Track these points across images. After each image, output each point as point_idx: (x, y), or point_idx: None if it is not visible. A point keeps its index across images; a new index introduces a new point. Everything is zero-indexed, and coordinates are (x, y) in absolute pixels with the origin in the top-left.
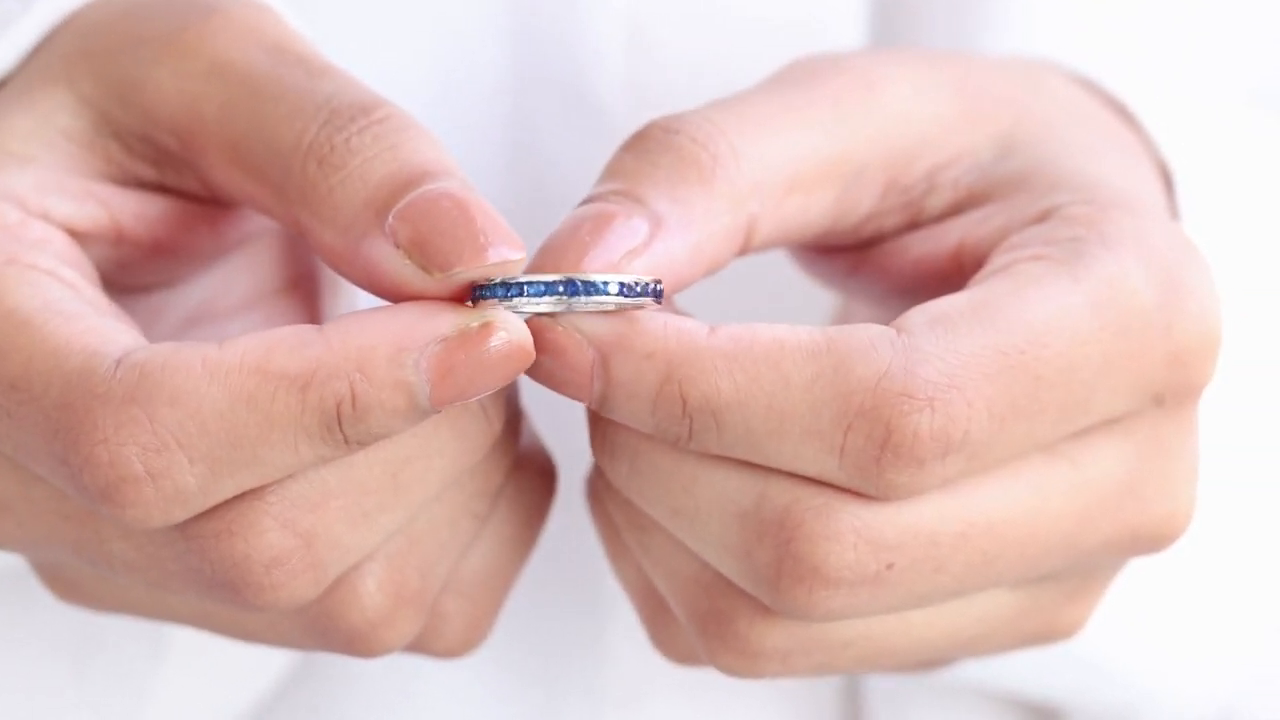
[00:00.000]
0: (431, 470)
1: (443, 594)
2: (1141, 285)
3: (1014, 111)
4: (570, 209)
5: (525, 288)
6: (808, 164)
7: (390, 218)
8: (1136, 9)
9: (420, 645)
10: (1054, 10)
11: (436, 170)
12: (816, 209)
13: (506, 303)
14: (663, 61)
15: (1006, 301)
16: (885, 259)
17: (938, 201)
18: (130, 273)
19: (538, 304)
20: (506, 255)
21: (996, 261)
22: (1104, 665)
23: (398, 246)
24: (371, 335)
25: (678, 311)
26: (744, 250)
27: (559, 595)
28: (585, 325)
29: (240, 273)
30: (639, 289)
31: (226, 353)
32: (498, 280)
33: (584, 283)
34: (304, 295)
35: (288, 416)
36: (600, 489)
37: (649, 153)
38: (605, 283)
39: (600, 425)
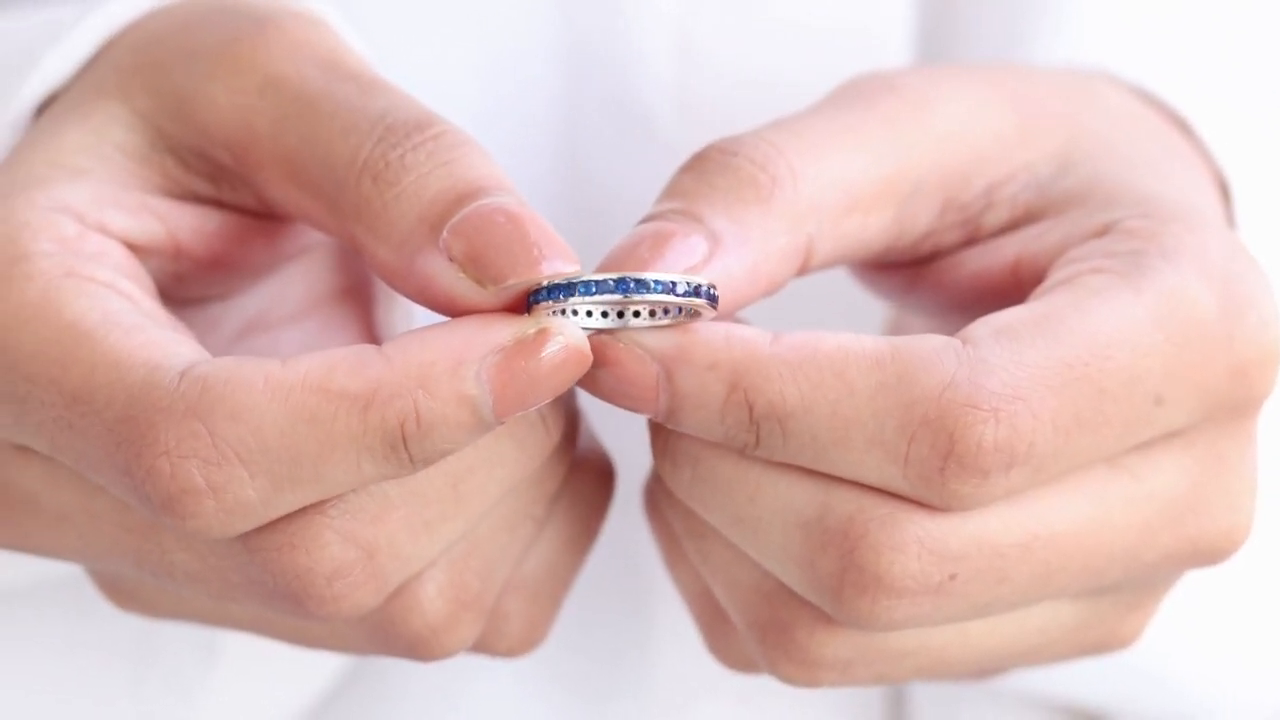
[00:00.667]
0: (492, 480)
1: (503, 594)
2: (1202, 298)
3: (1069, 127)
4: (622, 221)
5: (579, 287)
6: (865, 184)
7: (445, 232)
8: (1189, 16)
9: (482, 646)
10: (1107, 18)
11: (490, 185)
12: (875, 228)
13: (562, 303)
14: (711, 73)
15: (1069, 314)
16: (943, 274)
17: (995, 218)
18: (186, 286)
19: (592, 302)
20: (560, 268)
21: (1057, 275)
22: (1158, 673)
23: (452, 261)
24: (431, 352)
25: (738, 321)
26: (803, 270)
27: (606, 599)
28: (647, 340)
29: (294, 283)
30: (693, 289)
31: (289, 371)
32: (550, 284)
33: (637, 280)
34: (358, 304)
35: (349, 436)
36: (659, 497)
37: (707, 174)
38: (658, 281)
39: (662, 433)
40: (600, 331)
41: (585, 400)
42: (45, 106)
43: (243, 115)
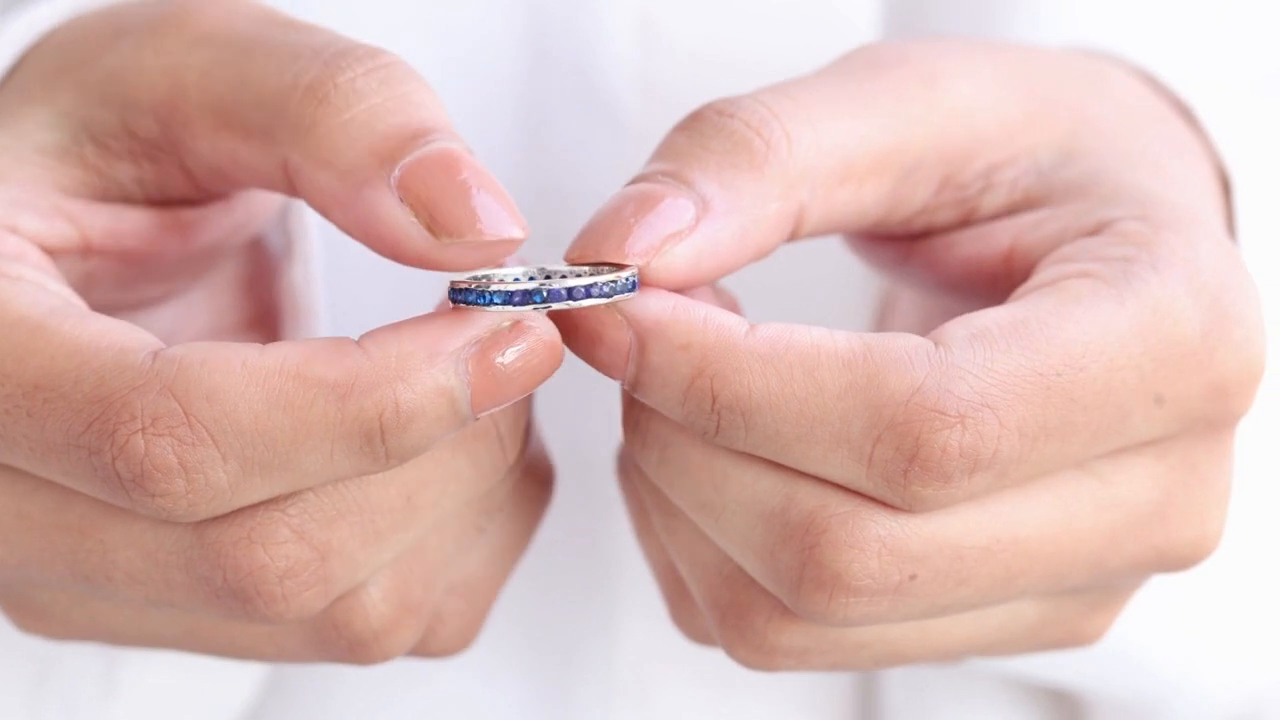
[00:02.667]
0: (446, 494)
1: (440, 597)
2: (1187, 314)
3: (1075, 116)
4: (583, 199)
5: (495, 296)
6: (862, 154)
7: (398, 170)
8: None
9: (417, 648)
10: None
11: (444, 128)
12: (869, 199)
13: (480, 309)
14: (673, 50)
15: (1049, 319)
16: (935, 253)
17: (993, 201)
18: (96, 289)
19: (509, 313)
20: (514, 234)
21: (1044, 273)
22: (1133, 656)
23: (402, 201)
24: (407, 343)
25: (721, 298)
26: (793, 237)
27: (569, 583)
28: (628, 306)
29: (199, 312)
30: (610, 289)
31: (266, 356)
32: (472, 285)
33: (550, 292)
34: (265, 334)
35: (325, 424)
36: (630, 466)
37: (702, 135)
38: (573, 289)
39: (634, 412)
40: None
41: (550, 383)
42: None
43: (171, 74)
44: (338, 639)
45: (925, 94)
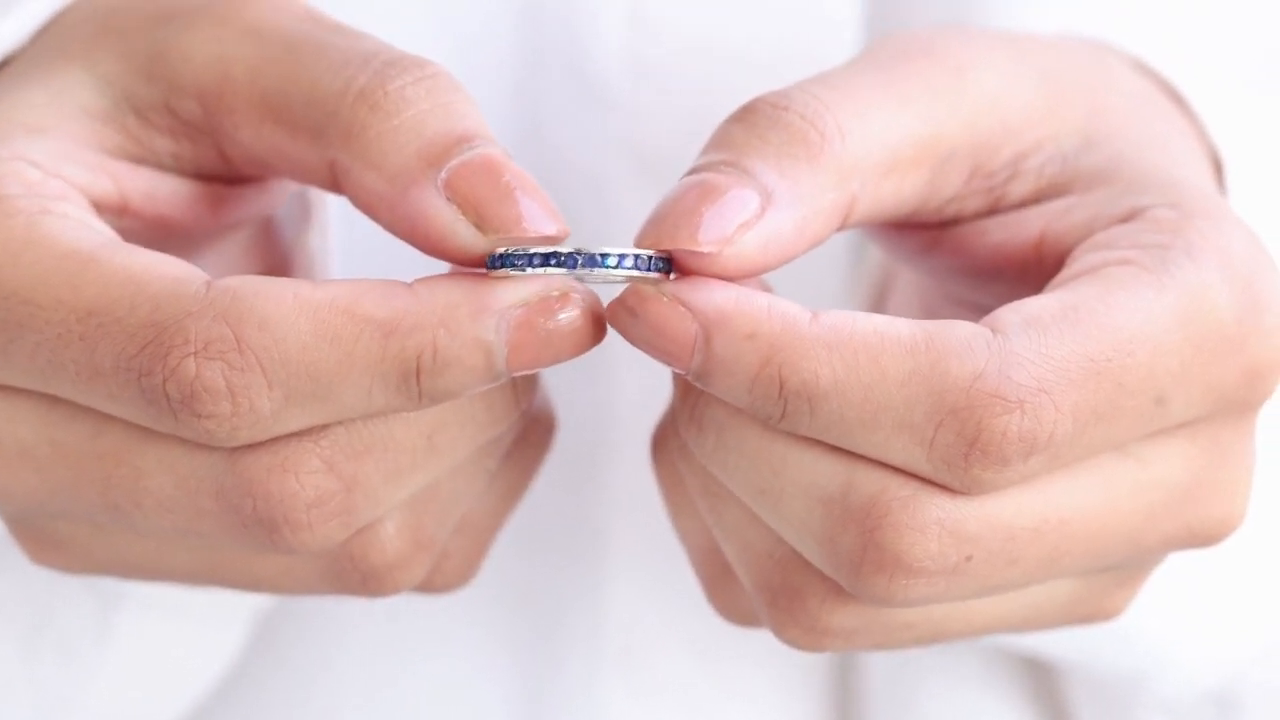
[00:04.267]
0: (462, 438)
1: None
2: (1222, 300)
3: (1090, 103)
4: (578, 185)
5: (534, 258)
6: (905, 145)
7: (445, 172)
8: None
9: (422, 584)
10: None
11: (485, 135)
12: (909, 189)
13: (518, 270)
14: (663, 39)
15: (1096, 307)
16: (963, 240)
17: (1020, 188)
18: None
19: (547, 273)
20: (553, 230)
21: (1083, 260)
22: (1117, 630)
23: (449, 200)
24: (457, 294)
25: (766, 287)
26: (841, 227)
27: (556, 552)
28: (691, 297)
29: (209, 269)
30: (646, 263)
31: (318, 291)
32: (510, 250)
33: (588, 257)
34: None
35: (367, 359)
36: (672, 449)
37: (758, 126)
38: (608, 255)
39: (689, 397)
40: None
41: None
42: None
43: (219, 63)
44: (353, 571)
45: (956, 84)
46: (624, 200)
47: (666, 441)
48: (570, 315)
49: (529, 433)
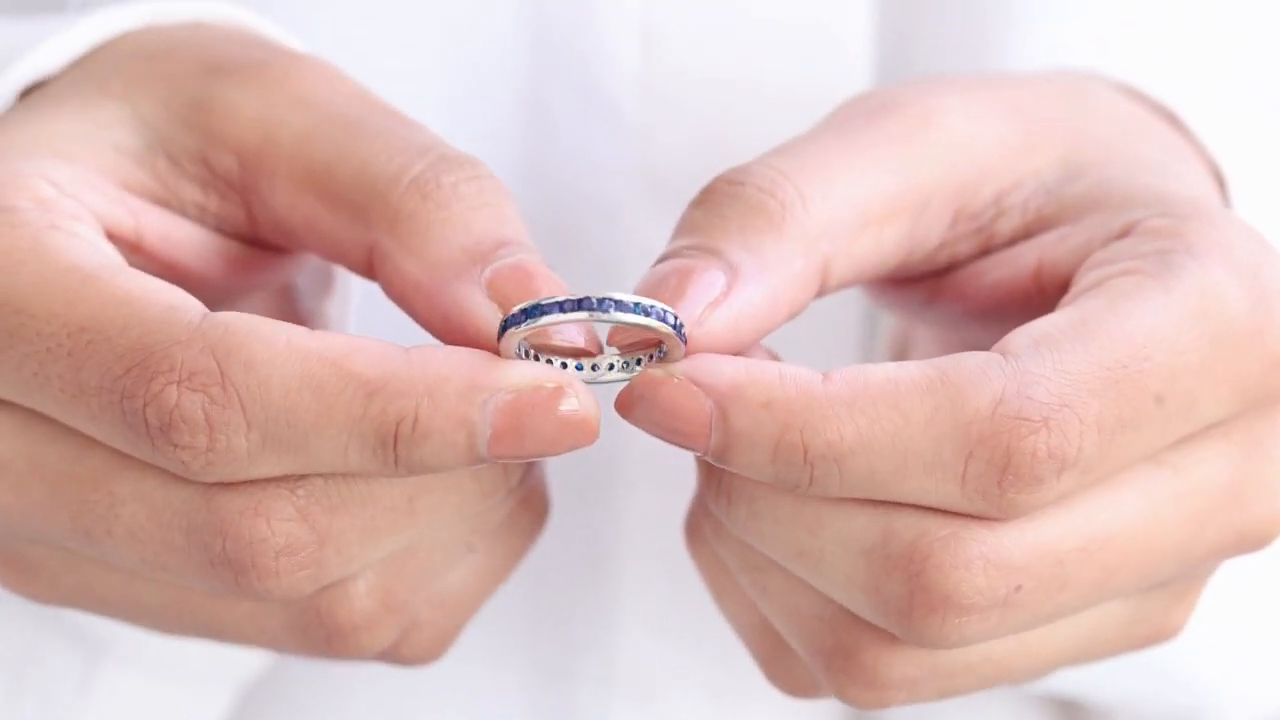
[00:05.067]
0: (445, 505)
1: (420, 605)
2: (1232, 292)
3: (1070, 134)
4: (588, 208)
5: (548, 308)
6: (875, 200)
7: (489, 271)
8: (1163, 13)
9: (389, 652)
10: (1082, 17)
11: (524, 241)
12: (890, 243)
13: (534, 322)
14: (675, 62)
15: (1105, 317)
16: (964, 285)
17: (1008, 225)
18: None
19: (563, 319)
20: (585, 342)
21: (1086, 279)
22: (1172, 670)
23: (490, 298)
24: (449, 367)
25: (774, 357)
26: (822, 291)
27: (572, 590)
28: (701, 374)
29: None
30: (663, 313)
31: (313, 339)
32: (520, 307)
33: (600, 300)
34: None
35: (347, 416)
36: (706, 531)
37: (717, 206)
38: (624, 302)
39: (714, 473)
40: (649, 365)
41: None
42: (27, 93)
43: (264, 125)
44: (319, 627)
45: (923, 134)
46: (634, 222)
47: (699, 526)
48: (563, 410)
49: (517, 515)
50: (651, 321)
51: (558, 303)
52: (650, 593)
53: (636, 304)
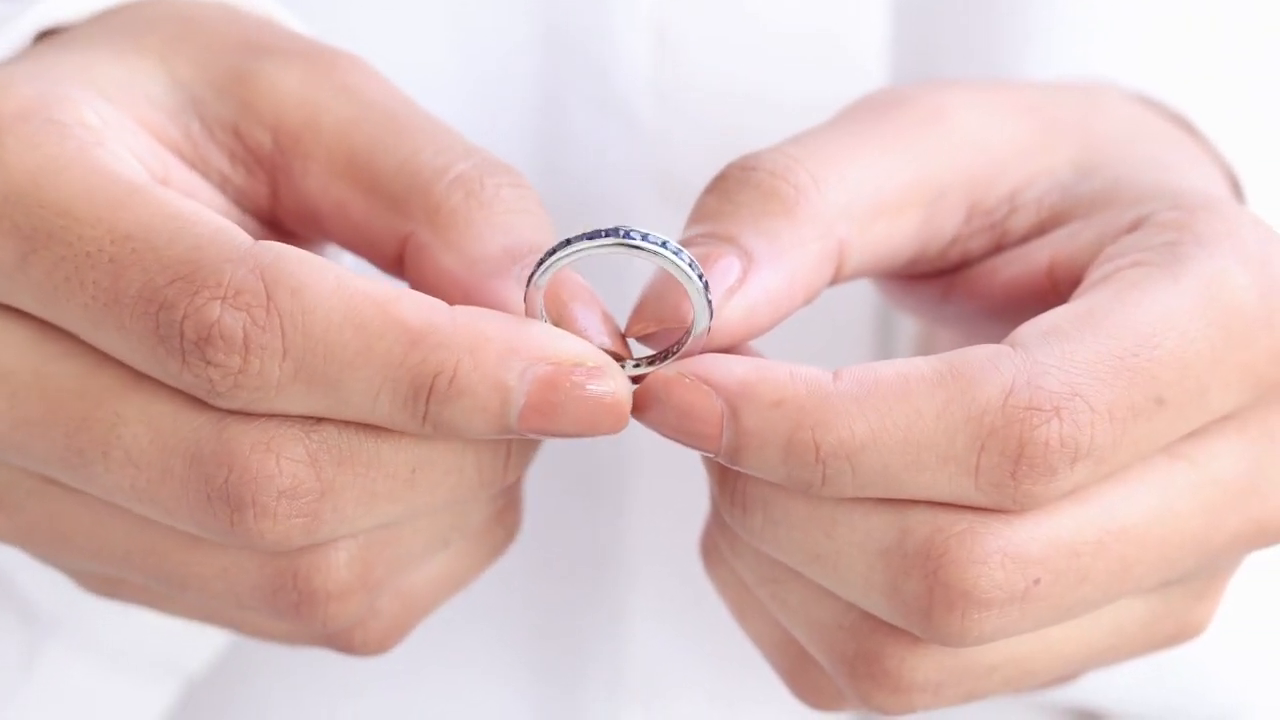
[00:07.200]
0: (443, 484)
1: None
2: (1241, 282)
3: (1082, 135)
4: (602, 208)
5: (575, 240)
6: (890, 188)
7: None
8: (1176, 21)
9: (341, 636)
10: (1093, 26)
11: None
12: (903, 233)
13: (566, 252)
14: (689, 67)
15: (1113, 307)
16: (976, 282)
17: (1021, 222)
18: None
19: (594, 247)
20: (609, 341)
21: (1096, 273)
22: (1203, 678)
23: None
24: (494, 329)
25: (756, 354)
26: (837, 279)
27: (581, 592)
28: (712, 374)
29: None
30: (686, 258)
31: (360, 281)
32: (550, 248)
33: (628, 232)
34: None
35: (386, 359)
36: (722, 549)
37: (730, 192)
38: (654, 237)
39: (728, 481)
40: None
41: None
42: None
43: (308, 107)
44: (292, 590)
45: (936, 128)
46: (648, 224)
47: (715, 545)
48: (597, 389)
49: (493, 525)
50: (681, 263)
51: (586, 234)
52: (659, 595)
53: (665, 242)
